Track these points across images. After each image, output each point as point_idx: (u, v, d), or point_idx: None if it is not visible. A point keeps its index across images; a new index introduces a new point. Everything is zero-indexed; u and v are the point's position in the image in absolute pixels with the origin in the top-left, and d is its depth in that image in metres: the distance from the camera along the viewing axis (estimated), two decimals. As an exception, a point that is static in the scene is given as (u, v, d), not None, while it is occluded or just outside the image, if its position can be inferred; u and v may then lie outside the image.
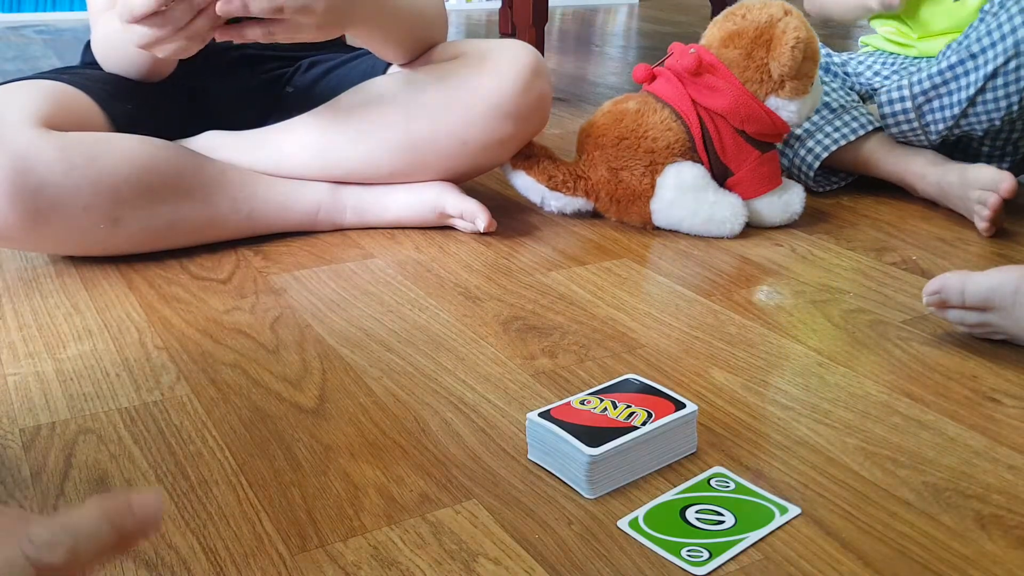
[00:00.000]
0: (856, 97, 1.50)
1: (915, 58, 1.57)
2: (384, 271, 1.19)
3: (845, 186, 1.54)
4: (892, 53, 1.61)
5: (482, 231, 1.28)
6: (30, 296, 1.11)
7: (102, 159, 1.10)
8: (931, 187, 1.42)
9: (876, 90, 1.54)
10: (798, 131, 1.47)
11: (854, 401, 0.90)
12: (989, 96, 1.31)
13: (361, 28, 1.21)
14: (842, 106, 1.47)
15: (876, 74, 1.58)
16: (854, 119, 1.46)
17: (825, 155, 1.45)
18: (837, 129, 1.46)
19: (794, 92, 1.30)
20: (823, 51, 1.52)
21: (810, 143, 1.46)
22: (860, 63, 1.61)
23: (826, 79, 1.50)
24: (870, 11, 1.54)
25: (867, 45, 1.66)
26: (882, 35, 1.62)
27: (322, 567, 0.66)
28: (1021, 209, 1.42)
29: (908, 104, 1.38)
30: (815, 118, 1.47)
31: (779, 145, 1.45)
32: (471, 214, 1.27)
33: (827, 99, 1.48)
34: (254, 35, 1.06)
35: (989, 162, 1.44)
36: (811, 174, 1.47)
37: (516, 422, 0.85)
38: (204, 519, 0.71)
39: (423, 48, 1.32)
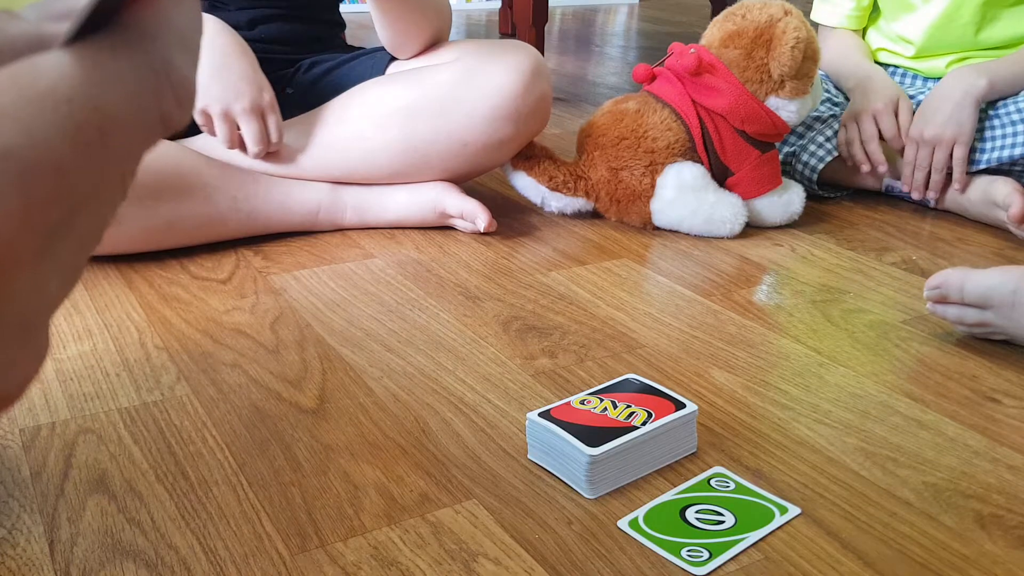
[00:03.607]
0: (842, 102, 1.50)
1: (912, 73, 1.57)
2: (384, 271, 1.19)
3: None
4: (893, 67, 1.60)
5: (482, 231, 1.28)
6: (30, 296, 1.11)
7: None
8: (946, 202, 1.43)
9: None
10: (792, 148, 1.46)
11: (854, 401, 0.90)
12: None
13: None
14: (833, 115, 1.48)
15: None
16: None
17: (821, 166, 1.45)
18: (828, 140, 1.46)
19: (794, 92, 1.30)
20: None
21: (804, 156, 1.46)
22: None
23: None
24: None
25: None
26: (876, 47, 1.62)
27: (322, 567, 0.66)
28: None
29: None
30: (808, 134, 1.47)
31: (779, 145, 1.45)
32: (471, 214, 1.27)
33: (815, 113, 1.47)
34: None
35: None
36: (815, 186, 1.47)
37: (516, 422, 0.85)
38: (204, 519, 0.71)
39: (433, 39, 1.34)
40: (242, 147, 1.24)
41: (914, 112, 1.44)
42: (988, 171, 1.38)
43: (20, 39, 0.22)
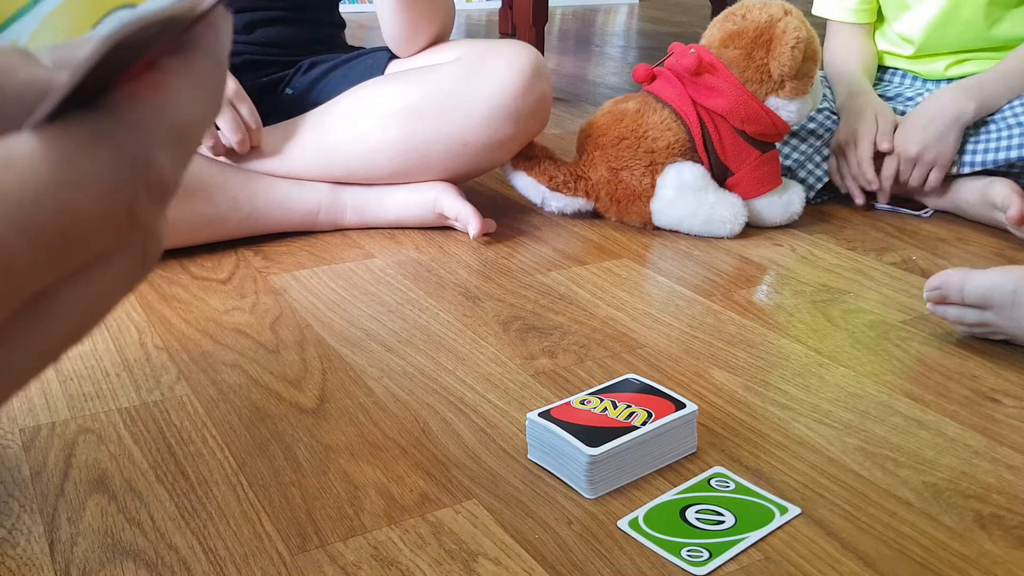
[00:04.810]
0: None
1: (911, 75, 1.57)
2: (384, 271, 1.19)
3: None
4: (892, 68, 1.60)
5: (472, 237, 1.27)
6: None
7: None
8: (945, 203, 1.43)
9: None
10: (788, 162, 1.46)
11: (854, 401, 0.90)
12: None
13: None
14: (829, 130, 1.48)
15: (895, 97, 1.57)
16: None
17: (819, 185, 1.45)
18: (826, 159, 1.47)
19: (794, 92, 1.30)
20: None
21: (802, 174, 1.47)
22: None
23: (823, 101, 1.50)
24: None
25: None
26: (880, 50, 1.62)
27: (322, 567, 0.66)
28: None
29: None
30: (803, 147, 1.47)
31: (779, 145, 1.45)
32: (465, 219, 1.27)
33: (812, 125, 1.48)
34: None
35: None
36: (809, 196, 1.48)
37: (516, 422, 0.85)
38: (204, 519, 0.71)
39: (438, 35, 1.35)
40: (229, 154, 1.24)
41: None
42: (987, 172, 1.38)
43: (30, 87, 0.20)
